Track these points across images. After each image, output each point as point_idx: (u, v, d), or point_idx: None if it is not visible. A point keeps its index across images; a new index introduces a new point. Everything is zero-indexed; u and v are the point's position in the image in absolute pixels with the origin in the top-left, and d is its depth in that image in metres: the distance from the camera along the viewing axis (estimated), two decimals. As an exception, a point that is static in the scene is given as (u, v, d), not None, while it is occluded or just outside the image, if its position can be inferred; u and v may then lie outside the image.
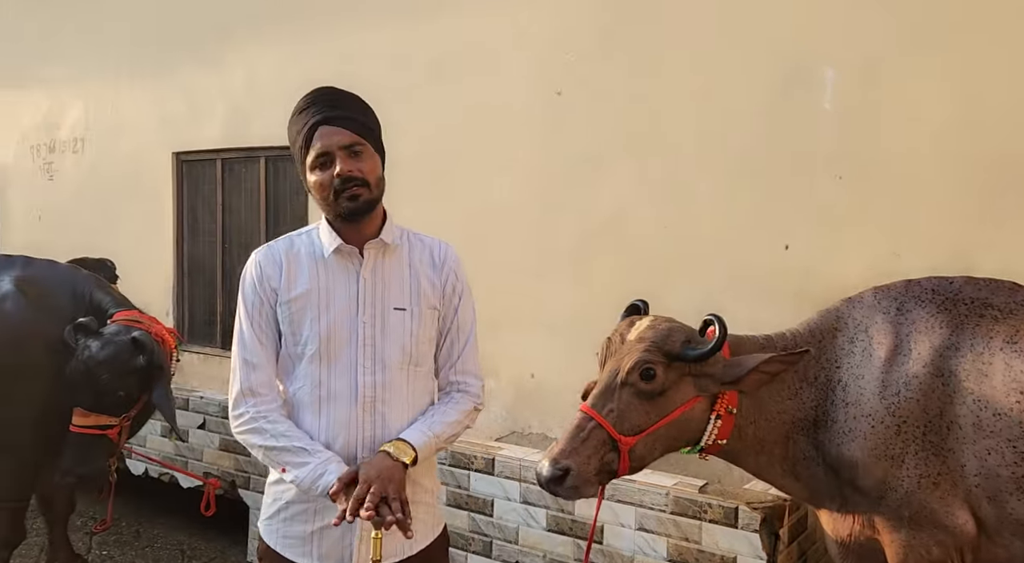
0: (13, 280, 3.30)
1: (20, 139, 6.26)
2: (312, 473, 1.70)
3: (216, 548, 4.24)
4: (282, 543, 1.82)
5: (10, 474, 3.29)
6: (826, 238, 3.14)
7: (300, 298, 1.78)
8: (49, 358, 3.22)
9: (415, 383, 1.84)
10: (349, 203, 1.74)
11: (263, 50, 4.92)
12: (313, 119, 1.75)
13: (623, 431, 2.09)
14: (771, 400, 2.28)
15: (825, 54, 3.11)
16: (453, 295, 1.89)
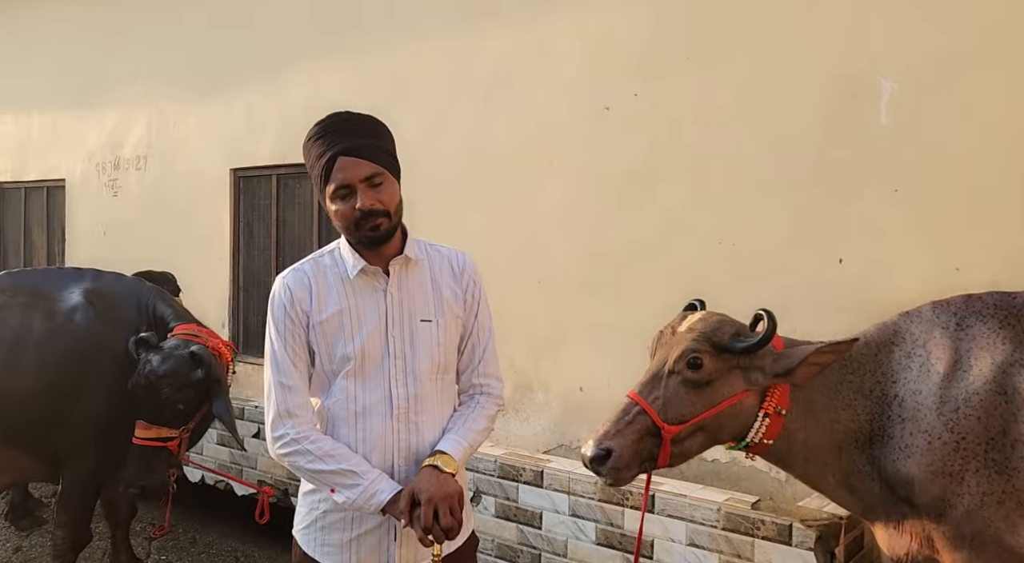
0: (83, 292, 3.45)
1: (87, 157, 6.53)
2: (364, 494, 1.75)
3: (268, 555, 4.32)
4: (320, 551, 1.86)
5: (79, 478, 3.42)
6: (882, 252, 3.09)
7: (332, 319, 1.83)
8: (115, 368, 3.35)
9: (443, 391, 1.92)
10: (371, 234, 1.79)
11: (316, 69, 5.06)
12: (332, 150, 1.77)
13: (667, 419, 2.12)
14: (823, 408, 2.26)
15: (882, 65, 3.07)
16: (473, 302, 1.96)
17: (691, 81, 3.57)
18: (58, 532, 3.46)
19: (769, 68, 3.36)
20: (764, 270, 3.36)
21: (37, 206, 7.12)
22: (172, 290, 4.27)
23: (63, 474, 3.43)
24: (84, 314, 3.38)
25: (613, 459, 2.09)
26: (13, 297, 3.39)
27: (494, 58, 4.24)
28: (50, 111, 6.86)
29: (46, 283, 3.49)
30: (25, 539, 4.47)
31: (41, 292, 3.44)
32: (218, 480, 4.52)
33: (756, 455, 2.30)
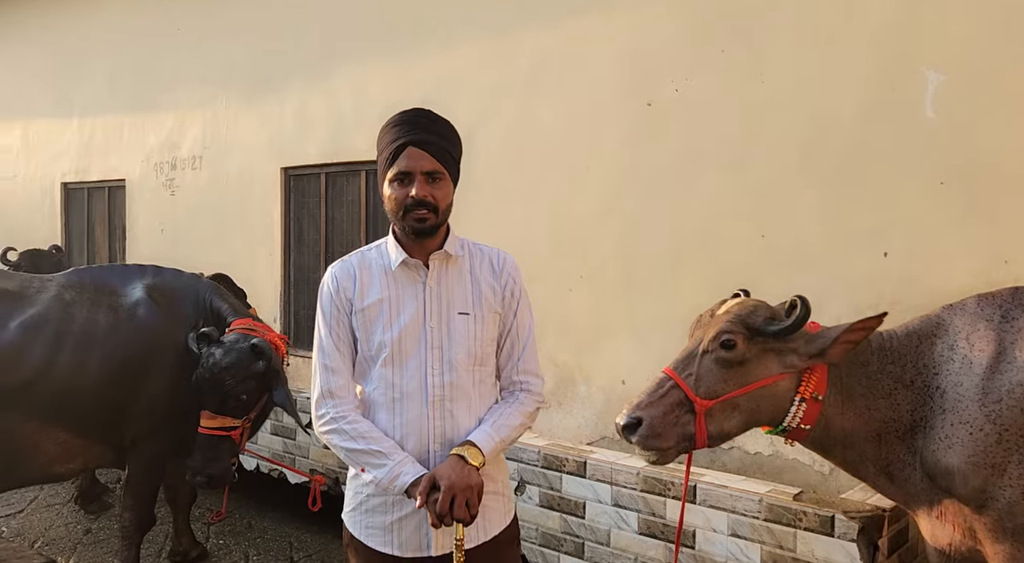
0: (145, 288, 3.62)
1: (145, 158, 6.79)
2: (389, 474, 1.83)
3: (320, 541, 4.47)
4: (365, 533, 1.96)
5: (144, 463, 3.60)
6: (927, 245, 3.07)
7: (373, 307, 1.93)
8: (176, 359, 3.52)
9: (480, 382, 1.97)
10: (416, 223, 1.89)
11: (364, 70, 5.18)
12: (404, 138, 1.90)
13: (700, 394, 2.21)
14: (861, 396, 2.29)
15: (927, 56, 3.05)
16: (512, 299, 2.02)
17: (731, 75, 3.58)
18: (126, 514, 3.65)
19: (811, 60, 3.35)
20: (807, 263, 3.36)
21: (99, 205, 7.43)
22: (236, 293, 4.42)
23: (129, 460, 3.62)
24: (146, 308, 3.56)
25: (644, 427, 2.19)
26: (80, 293, 3.57)
27: (536, 56, 4.30)
28: (110, 114, 7.14)
29: (110, 279, 3.68)
30: (94, 522, 4.70)
31: (106, 288, 3.62)
32: (272, 469, 4.68)
33: (795, 441, 2.35)
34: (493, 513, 1.98)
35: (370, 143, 5.26)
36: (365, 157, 5.20)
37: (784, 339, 2.27)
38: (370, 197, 5.29)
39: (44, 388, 3.34)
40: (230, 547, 4.39)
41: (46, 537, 4.51)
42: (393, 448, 1.87)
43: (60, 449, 3.44)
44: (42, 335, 3.38)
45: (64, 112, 7.64)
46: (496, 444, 1.90)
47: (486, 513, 1.94)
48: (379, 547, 1.93)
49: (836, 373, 2.31)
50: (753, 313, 2.29)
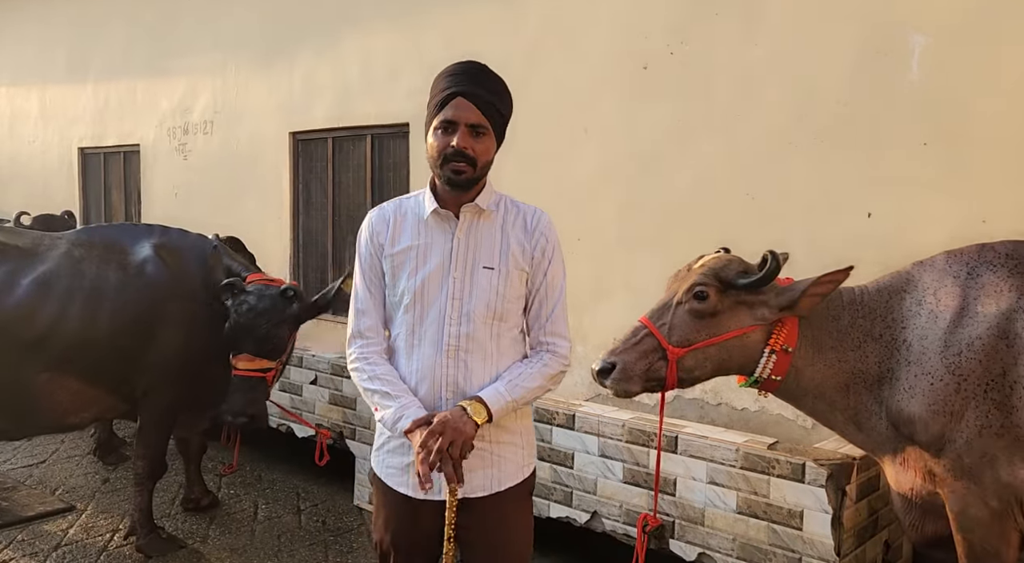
0: (152, 246, 3.76)
1: (159, 123, 6.92)
2: (393, 415, 1.90)
3: (327, 492, 4.66)
4: (385, 472, 2.04)
5: (155, 414, 3.77)
6: (910, 205, 3.13)
7: (401, 253, 1.98)
8: (183, 314, 3.67)
9: (499, 337, 1.98)
10: (452, 175, 1.91)
11: (371, 36, 5.25)
12: (455, 88, 1.91)
13: (673, 342, 2.35)
14: (831, 348, 2.39)
15: (913, 19, 3.08)
16: (543, 258, 2.00)
17: (725, 38, 3.63)
18: (138, 462, 3.82)
19: (801, 23, 3.39)
20: (794, 224, 3.43)
21: (115, 170, 7.59)
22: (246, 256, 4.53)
23: (141, 411, 3.78)
24: (154, 265, 3.69)
25: (616, 371, 2.35)
26: (90, 250, 3.70)
27: (539, 21, 4.35)
28: (125, 80, 7.27)
29: (119, 238, 3.80)
30: (112, 472, 4.92)
31: (115, 246, 3.74)
32: (280, 423, 4.86)
33: (768, 392, 2.46)
34: (508, 465, 2.00)
35: (376, 108, 5.38)
36: (371, 121, 5.29)
37: (755, 292, 2.39)
38: (375, 161, 5.39)
39: (57, 341, 3.49)
40: (240, 497, 4.59)
41: (66, 485, 4.73)
42: (403, 391, 1.92)
43: (74, 399, 3.61)
44: (54, 290, 3.52)
45: (80, 78, 7.77)
46: (507, 402, 1.91)
47: (501, 464, 1.98)
48: (396, 487, 2.00)
49: (807, 326, 2.41)
50: (726, 267, 2.41)
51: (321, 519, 4.30)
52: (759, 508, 2.79)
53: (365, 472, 4.39)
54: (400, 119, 5.10)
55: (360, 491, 4.43)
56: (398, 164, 5.25)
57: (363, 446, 4.38)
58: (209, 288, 3.71)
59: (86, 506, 4.42)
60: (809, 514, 2.66)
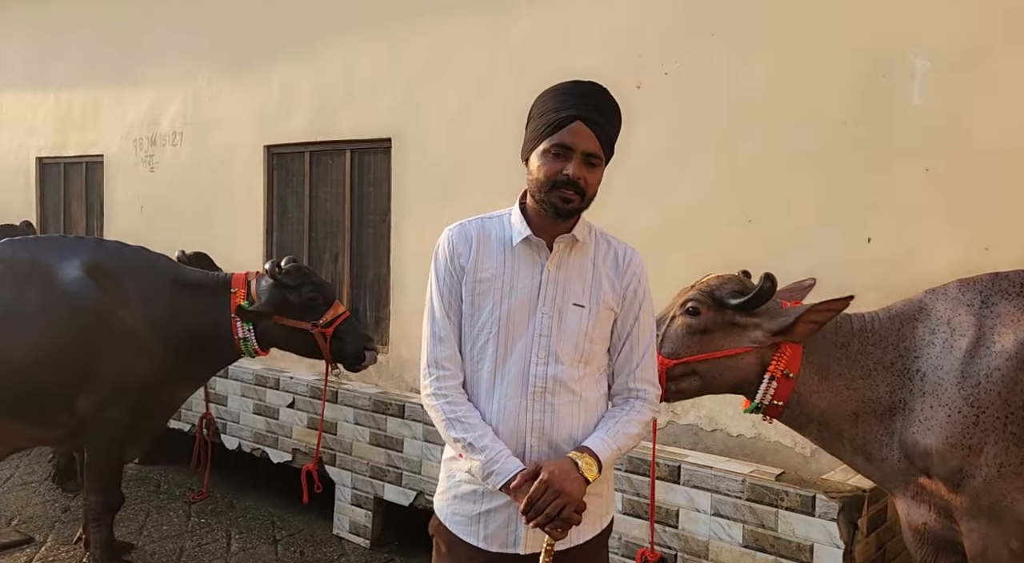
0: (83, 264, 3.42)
1: (124, 133, 6.67)
2: (483, 469, 1.73)
3: (303, 521, 4.47)
4: (451, 520, 1.86)
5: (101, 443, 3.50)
6: (911, 231, 3.12)
7: (485, 281, 1.82)
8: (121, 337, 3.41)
9: (584, 379, 1.83)
10: (560, 203, 1.75)
11: (352, 47, 5.13)
12: (576, 111, 1.74)
13: (664, 353, 2.35)
14: (839, 376, 2.34)
15: (915, 44, 3.08)
16: (634, 300, 1.86)
17: (721, 59, 3.59)
18: (91, 497, 3.55)
19: (800, 46, 3.37)
20: (793, 248, 3.39)
21: (76, 181, 7.31)
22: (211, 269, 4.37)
23: (86, 442, 3.50)
24: (84, 285, 3.37)
25: None
26: (12, 268, 3.38)
27: (527, 35, 4.28)
28: (88, 88, 7.01)
29: (46, 254, 3.46)
30: (72, 500, 4.66)
31: (40, 263, 3.42)
32: (255, 447, 4.67)
33: (772, 418, 2.41)
34: (589, 515, 1.80)
35: (357, 122, 5.25)
36: (351, 136, 5.15)
37: (749, 314, 2.36)
38: (355, 177, 5.25)
39: None
40: (212, 527, 4.38)
41: (23, 515, 4.47)
42: (492, 440, 1.76)
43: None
44: None
45: (40, 85, 7.48)
46: (612, 453, 1.77)
47: (585, 516, 1.77)
48: (464, 536, 1.83)
49: (812, 352, 2.37)
50: (723, 286, 2.41)
51: (299, 550, 4.11)
52: (766, 542, 2.72)
53: (345, 500, 4.22)
54: (382, 134, 4.98)
55: (340, 519, 4.26)
56: (379, 180, 5.12)
57: (343, 472, 4.22)
58: (155, 304, 3.49)
59: (45, 537, 4.17)
60: (820, 548, 2.60)
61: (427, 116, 4.71)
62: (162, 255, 3.76)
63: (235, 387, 4.79)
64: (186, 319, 3.56)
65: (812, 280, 2.62)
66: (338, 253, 5.42)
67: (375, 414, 4.10)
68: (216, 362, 3.80)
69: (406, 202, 4.88)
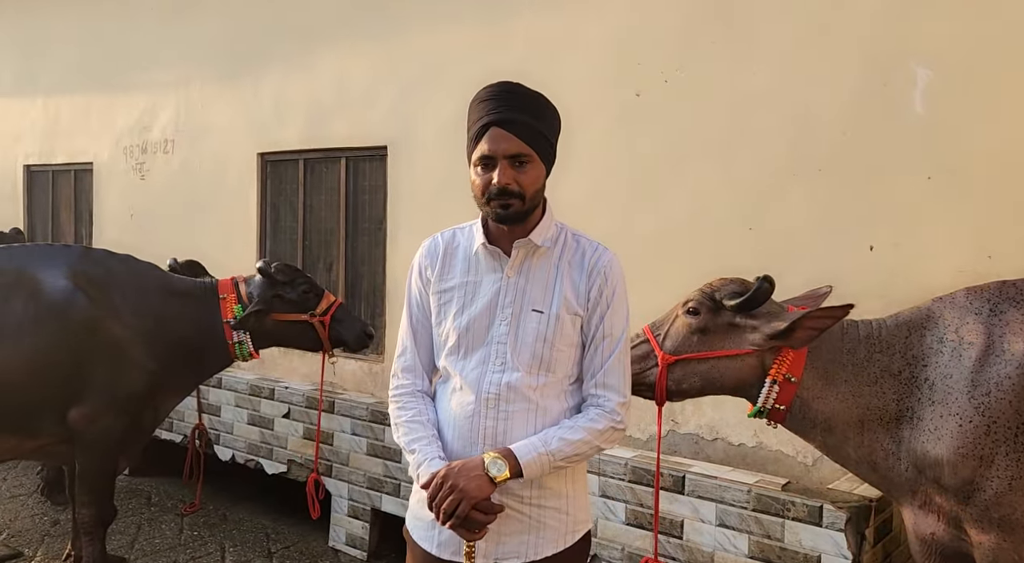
0: (70, 273, 3.38)
1: (115, 141, 6.60)
2: (414, 468, 1.77)
3: (298, 533, 4.41)
4: (413, 524, 1.89)
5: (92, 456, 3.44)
6: (913, 239, 3.11)
7: (449, 291, 1.84)
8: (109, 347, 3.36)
9: (547, 387, 1.79)
10: (500, 211, 1.74)
11: (346, 53, 5.09)
12: (488, 118, 1.74)
13: (665, 350, 2.42)
14: (845, 382, 2.33)
15: (916, 52, 3.08)
16: (600, 300, 1.80)
17: (722, 67, 3.59)
18: (83, 511, 3.49)
19: (800, 53, 3.37)
20: (793, 256, 3.38)
21: (65, 189, 7.22)
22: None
23: (76, 453, 3.44)
24: (70, 295, 3.33)
25: None
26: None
27: (524, 42, 4.26)
28: (78, 94, 6.93)
29: (31, 264, 3.41)
30: (61, 513, 4.58)
31: (25, 273, 3.36)
32: (248, 458, 4.60)
33: (776, 422, 2.40)
34: (550, 532, 1.79)
35: (352, 129, 5.22)
36: (346, 143, 5.12)
37: (748, 316, 2.38)
38: (350, 184, 5.21)
39: None
40: (205, 539, 4.31)
41: (12, 528, 4.38)
42: (426, 443, 1.77)
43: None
44: None
45: (28, 91, 7.40)
46: (540, 455, 1.70)
47: (540, 530, 1.79)
48: (421, 542, 1.84)
49: (817, 357, 2.36)
50: (721, 288, 2.44)
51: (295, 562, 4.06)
52: (772, 553, 2.69)
53: (342, 511, 4.17)
54: (378, 142, 4.94)
55: (336, 531, 4.21)
56: (375, 188, 5.08)
57: (340, 484, 4.17)
58: (143, 313, 3.46)
59: (35, 552, 4.09)
60: (827, 559, 2.58)
61: (423, 123, 4.68)
62: (149, 263, 3.72)
63: (229, 397, 4.73)
64: (176, 327, 3.55)
65: (828, 288, 2.63)
66: (332, 261, 5.38)
67: (372, 424, 4.06)
68: (208, 369, 3.78)
69: (402, 210, 4.84)
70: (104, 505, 3.52)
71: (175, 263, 4.08)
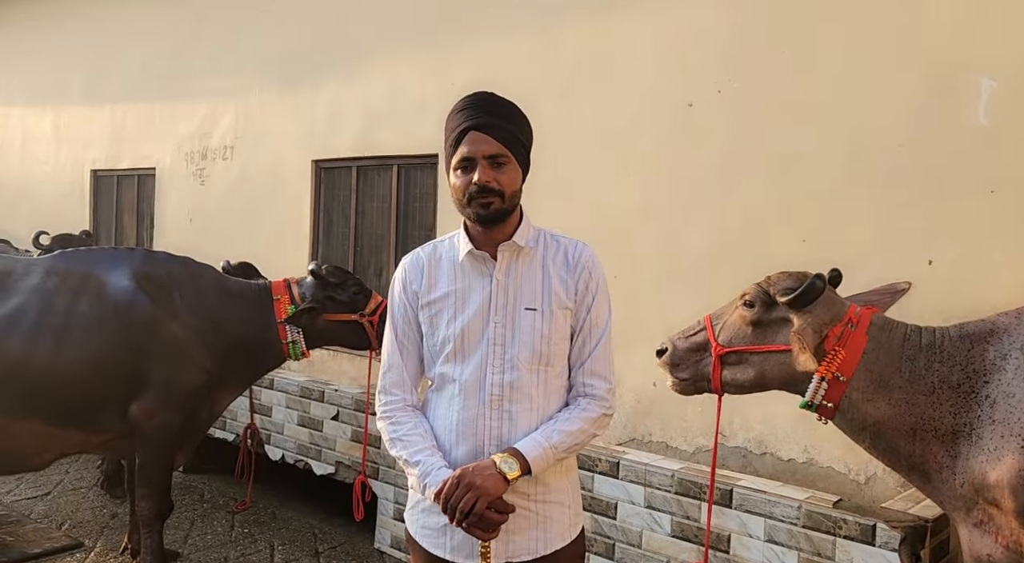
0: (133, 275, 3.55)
1: (176, 147, 6.82)
2: (419, 482, 1.80)
3: (345, 534, 4.47)
4: (420, 533, 1.91)
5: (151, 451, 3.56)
6: (974, 254, 3.03)
7: (438, 301, 1.89)
8: (171, 346, 3.49)
9: (546, 383, 1.87)
10: (481, 210, 1.82)
11: (399, 64, 5.18)
12: (466, 123, 1.83)
13: (720, 341, 2.46)
14: (899, 388, 2.27)
15: (980, 62, 3.01)
16: (586, 293, 1.89)
17: (776, 76, 3.55)
18: (142, 504, 3.62)
19: (859, 62, 3.31)
20: (848, 270, 3.29)
21: (129, 193, 7.48)
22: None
23: (138, 448, 3.57)
24: (133, 296, 3.48)
25: (667, 355, 2.54)
26: (66, 280, 3.48)
27: (576, 53, 4.28)
28: (143, 102, 7.19)
29: (97, 266, 3.57)
30: (120, 506, 4.73)
31: (92, 275, 3.52)
32: (298, 459, 4.69)
33: (826, 419, 2.39)
34: (556, 526, 1.88)
35: (403, 138, 5.30)
36: (397, 151, 5.20)
37: (802, 312, 2.34)
38: (401, 191, 5.29)
39: (20, 385, 3.29)
40: (255, 536, 4.41)
41: (73, 520, 4.55)
42: (428, 454, 1.81)
43: (36, 441, 3.39)
44: (19, 330, 3.31)
45: (96, 99, 7.69)
46: (544, 451, 1.78)
47: (547, 524, 1.86)
48: (432, 549, 1.88)
49: (874, 360, 2.31)
50: (776, 283, 2.45)
51: (341, 563, 4.12)
52: (823, 570, 2.64)
53: (388, 513, 4.22)
54: (428, 150, 5.01)
55: (382, 534, 4.26)
56: (425, 195, 5.15)
57: (386, 486, 4.22)
58: (201, 313, 3.60)
59: (94, 543, 4.24)
60: (880, 579, 2.52)
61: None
62: (207, 265, 3.86)
63: (280, 398, 4.83)
64: (231, 327, 3.68)
65: (907, 284, 2.58)
66: (383, 268, 5.46)
67: (419, 429, 4.10)
68: (261, 367, 3.90)
69: (451, 217, 4.87)
70: (162, 498, 3.64)
71: (228, 265, 4.22)
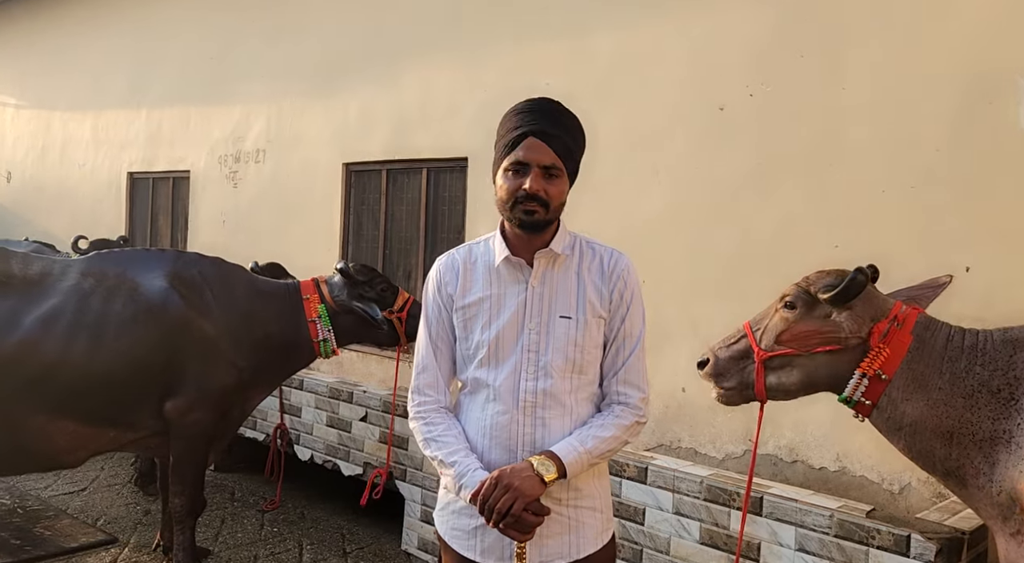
0: (166, 276, 3.61)
1: (210, 150, 6.93)
2: (455, 483, 1.80)
3: (372, 535, 4.50)
4: (450, 534, 1.91)
5: (185, 449, 3.62)
6: (1013, 261, 2.97)
7: (473, 305, 1.89)
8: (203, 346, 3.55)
9: (579, 391, 1.87)
10: (524, 216, 1.83)
11: (431, 69, 5.22)
12: (527, 127, 1.83)
13: (763, 346, 2.38)
14: (938, 389, 2.23)
15: (1020, 63, 2.95)
16: (621, 303, 1.89)
17: (808, 79, 3.52)
18: (175, 500, 3.68)
19: (894, 66, 3.27)
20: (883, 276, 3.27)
21: (163, 195, 7.62)
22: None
23: (171, 445, 3.63)
24: (167, 297, 3.55)
25: (709, 366, 2.45)
26: (101, 281, 3.54)
27: (609, 58, 4.28)
28: (178, 106, 7.32)
29: (131, 267, 3.64)
30: (153, 503, 4.81)
31: (126, 276, 3.59)
32: (326, 459, 4.74)
33: (862, 416, 2.35)
34: (588, 530, 1.88)
35: (434, 141, 5.33)
36: (428, 155, 5.24)
37: (844, 309, 2.31)
38: (431, 195, 5.32)
39: (56, 384, 3.35)
40: (284, 535, 4.45)
41: (107, 516, 4.63)
42: (463, 455, 1.81)
43: (70, 439, 3.45)
44: (56, 329, 3.38)
45: (134, 104, 7.85)
46: (580, 455, 1.78)
47: (580, 529, 1.86)
48: (462, 551, 1.88)
49: (916, 360, 2.27)
50: (816, 281, 2.40)
51: (368, 564, 4.15)
52: (855, 581, 2.60)
53: (415, 515, 4.24)
54: (458, 153, 5.04)
55: (409, 535, 4.28)
56: (454, 199, 5.18)
57: (413, 488, 4.24)
58: (233, 312, 3.65)
59: (128, 539, 4.31)
60: (914, 591, 2.47)
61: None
62: (237, 265, 3.92)
63: (309, 399, 4.88)
64: (262, 325, 3.73)
65: (948, 277, 2.53)
66: (411, 270, 5.49)
67: (447, 431, 4.11)
68: (292, 366, 3.94)
69: (480, 220, 4.91)
70: (195, 495, 3.70)
71: (256, 266, 4.27)
